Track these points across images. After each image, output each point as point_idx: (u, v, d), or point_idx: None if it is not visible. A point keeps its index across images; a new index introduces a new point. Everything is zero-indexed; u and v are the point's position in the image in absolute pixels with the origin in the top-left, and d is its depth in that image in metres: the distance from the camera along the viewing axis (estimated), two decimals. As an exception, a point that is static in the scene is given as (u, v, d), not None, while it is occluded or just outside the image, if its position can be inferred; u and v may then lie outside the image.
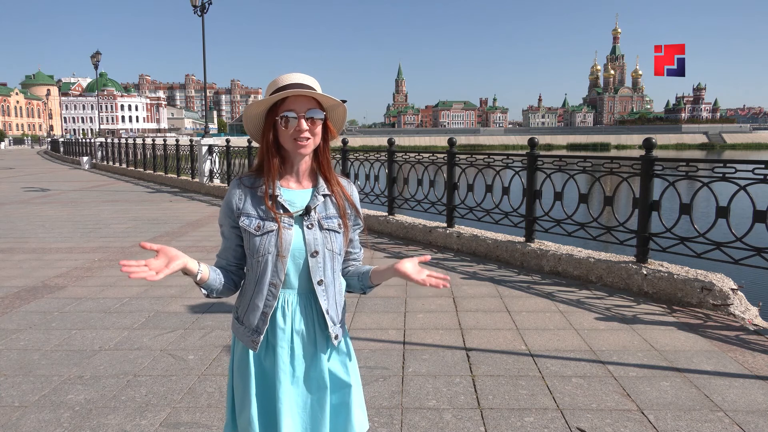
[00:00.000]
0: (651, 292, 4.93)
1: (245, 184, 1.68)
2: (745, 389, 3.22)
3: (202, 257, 7.37)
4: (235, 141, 16.52)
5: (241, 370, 1.67)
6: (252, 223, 1.62)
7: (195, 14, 18.56)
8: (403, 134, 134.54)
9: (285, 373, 1.63)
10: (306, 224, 1.63)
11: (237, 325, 1.70)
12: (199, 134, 29.74)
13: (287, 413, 1.61)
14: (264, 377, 1.65)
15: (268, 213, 1.62)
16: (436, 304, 4.89)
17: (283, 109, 1.60)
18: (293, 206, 1.64)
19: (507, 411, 3.01)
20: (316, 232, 1.64)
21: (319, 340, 1.67)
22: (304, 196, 1.67)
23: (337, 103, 1.66)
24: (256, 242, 1.61)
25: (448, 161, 7.28)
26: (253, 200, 1.65)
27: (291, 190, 1.67)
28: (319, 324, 1.68)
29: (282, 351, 1.63)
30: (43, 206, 12.58)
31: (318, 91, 1.62)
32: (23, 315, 4.72)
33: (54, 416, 2.99)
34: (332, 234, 1.66)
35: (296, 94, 1.59)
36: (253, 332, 1.64)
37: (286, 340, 1.64)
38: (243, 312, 1.67)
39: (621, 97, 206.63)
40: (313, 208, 1.65)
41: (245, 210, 1.64)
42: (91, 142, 30.38)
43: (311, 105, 1.61)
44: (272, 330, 1.64)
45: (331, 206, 1.68)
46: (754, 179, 4.48)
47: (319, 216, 1.65)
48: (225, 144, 14.42)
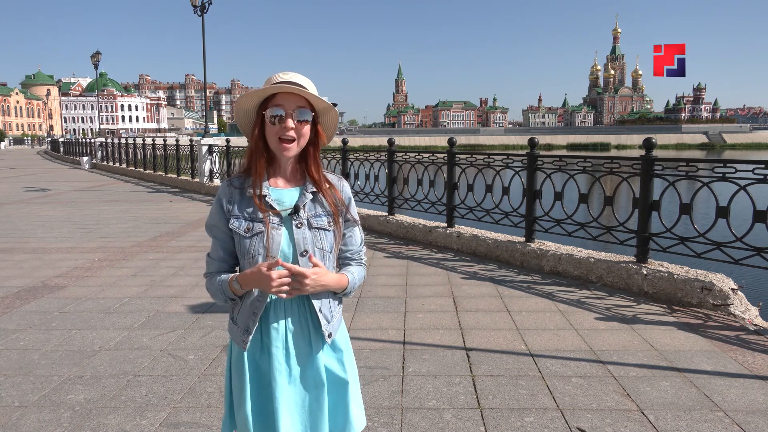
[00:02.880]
0: (651, 292, 4.93)
1: (234, 185, 1.67)
2: (745, 389, 3.22)
3: (202, 257, 7.34)
4: (235, 141, 16.50)
5: (237, 369, 1.67)
6: (241, 225, 1.62)
7: (195, 14, 18.56)
8: (403, 134, 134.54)
9: (281, 372, 1.63)
10: (295, 223, 1.62)
11: (231, 325, 1.70)
12: (199, 134, 29.74)
13: (285, 412, 1.61)
14: (260, 377, 1.65)
15: (256, 214, 1.61)
16: (436, 304, 4.89)
17: (272, 105, 1.59)
18: (281, 205, 1.63)
19: (507, 411, 3.01)
20: (305, 231, 1.62)
21: (314, 339, 1.67)
22: (292, 194, 1.66)
23: (328, 106, 1.65)
24: (246, 244, 1.61)
25: (448, 161, 7.28)
26: (241, 201, 1.64)
27: (279, 189, 1.66)
28: (313, 323, 1.67)
29: (277, 351, 1.63)
30: (43, 206, 12.58)
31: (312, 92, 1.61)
32: (23, 315, 4.72)
33: (54, 416, 2.99)
34: (322, 232, 1.64)
35: (286, 90, 1.58)
36: (244, 332, 1.64)
37: (281, 340, 1.64)
38: (237, 312, 1.68)
39: (621, 97, 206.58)
40: (301, 207, 1.63)
41: (234, 212, 1.63)
42: (91, 142, 30.37)
43: (301, 104, 1.60)
44: (266, 330, 1.64)
45: (319, 204, 1.67)
46: (754, 179, 4.48)
47: (309, 214, 1.64)
48: (225, 144, 14.42)
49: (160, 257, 6.95)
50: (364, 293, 5.11)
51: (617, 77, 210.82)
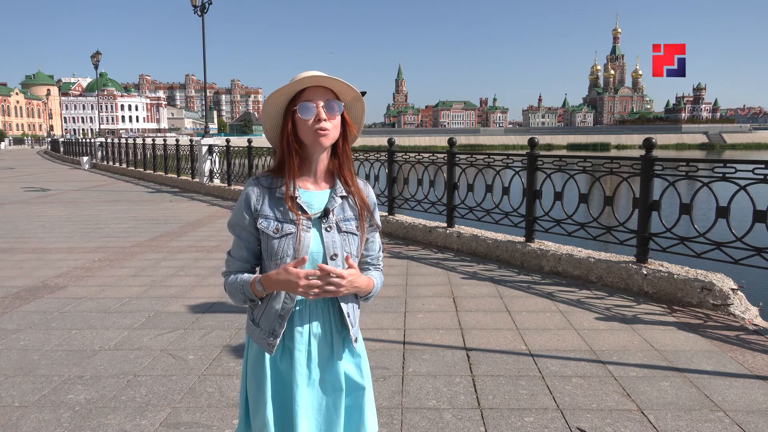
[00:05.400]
0: (651, 292, 4.93)
1: (263, 184, 1.64)
2: (745, 389, 3.22)
3: (202, 257, 7.36)
4: (235, 141, 16.53)
5: (255, 372, 1.65)
6: (270, 225, 1.59)
7: (195, 14, 18.57)
8: (403, 134, 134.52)
9: (302, 375, 1.61)
10: (324, 227, 1.60)
11: (253, 327, 1.66)
12: (199, 134, 29.75)
13: (303, 415, 1.59)
14: (280, 380, 1.63)
15: (286, 215, 1.59)
16: (436, 304, 4.89)
17: (301, 101, 1.58)
18: (311, 208, 1.61)
19: (507, 411, 3.01)
20: (334, 235, 1.60)
21: (335, 343, 1.66)
22: (321, 197, 1.64)
23: (357, 95, 1.63)
24: (275, 245, 1.58)
25: (448, 161, 7.28)
26: (270, 201, 1.61)
27: (308, 191, 1.64)
28: (336, 326, 1.66)
29: (299, 354, 1.61)
30: (44, 206, 12.58)
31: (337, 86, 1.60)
32: (23, 315, 4.72)
33: (54, 416, 2.99)
34: (350, 236, 1.63)
35: (314, 84, 1.57)
36: (270, 335, 1.61)
37: (304, 343, 1.62)
38: (259, 314, 1.64)
39: (621, 97, 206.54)
40: (331, 210, 1.62)
41: (263, 211, 1.61)
42: (91, 142, 30.37)
43: (329, 97, 1.59)
44: (289, 333, 1.62)
45: (348, 208, 1.65)
46: (754, 179, 4.48)
47: (337, 218, 1.62)
48: (225, 144, 14.42)
49: (160, 257, 6.95)
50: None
51: (617, 77, 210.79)
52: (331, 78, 1.57)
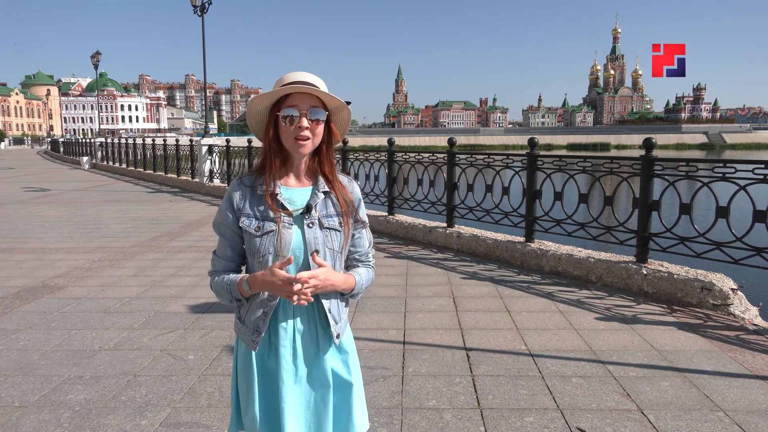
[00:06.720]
0: (651, 292, 4.93)
1: (245, 183, 1.67)
2: (745, 389, 3.22)
3: (202, 257, 7.34)
4: (235, 141, 16.52)
5: (244, 370, 1.67)
6: (252, 224, 1.62)
7: (195, 14, 18.59)
8: (403, 134, 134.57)
9: (288, 372, 1.62)
10: (306, 223, 1.62)
11: (239, 325, 1.69)
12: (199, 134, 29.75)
13: (291, 412, 1.61)
14: (267, 376, 1.65)
15: (267, 212, 1.61)
16: (436, 304, 4.89)
17: (285, 105, 1.59)
18: (293, 204, 1.63)
19: (507, 411, 3.01)
20: (316, 231, 1.62)
21: (321, 339, 1.67)
22: (303, 194, 1.66)
23: (342, 104, 1.65)
24: (257, 243, 1.61)
25: (448, 161, 7.28)
26: (252, 200, 1.64)
27: (291, 188, 1.66)
28: (321, 323, 1.67)
29: (284, 350, 1.63)
30: (43, 206, 12.58)
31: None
32: (23, 315, 4.72)
33: (54, 416, 2.99)
34: (333, 232, 1.64)
35: (299, 90, 1.58)
36: (254, 332, 1.64)
37: (289, 340, 1.64)
38: (245, 312, 1.67)
39: (621, 97, 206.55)
40: (313, 206, 1.63)
41: (245, 210, 1.63)
42: (91, 142, 30.37)
43: (314, 104, 1.60)
44: (274, 330, 1.64)
45: (331, 204, 1.66)
46: (754, 179, 4.48)
47: (320, 214, 1.64)
48: (225, 144, 14.42)
49: (160, 257, 6.95)
50: (364, 293, 5.10)
51: (617, 77, 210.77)
52: (315, 89, 1.58)
